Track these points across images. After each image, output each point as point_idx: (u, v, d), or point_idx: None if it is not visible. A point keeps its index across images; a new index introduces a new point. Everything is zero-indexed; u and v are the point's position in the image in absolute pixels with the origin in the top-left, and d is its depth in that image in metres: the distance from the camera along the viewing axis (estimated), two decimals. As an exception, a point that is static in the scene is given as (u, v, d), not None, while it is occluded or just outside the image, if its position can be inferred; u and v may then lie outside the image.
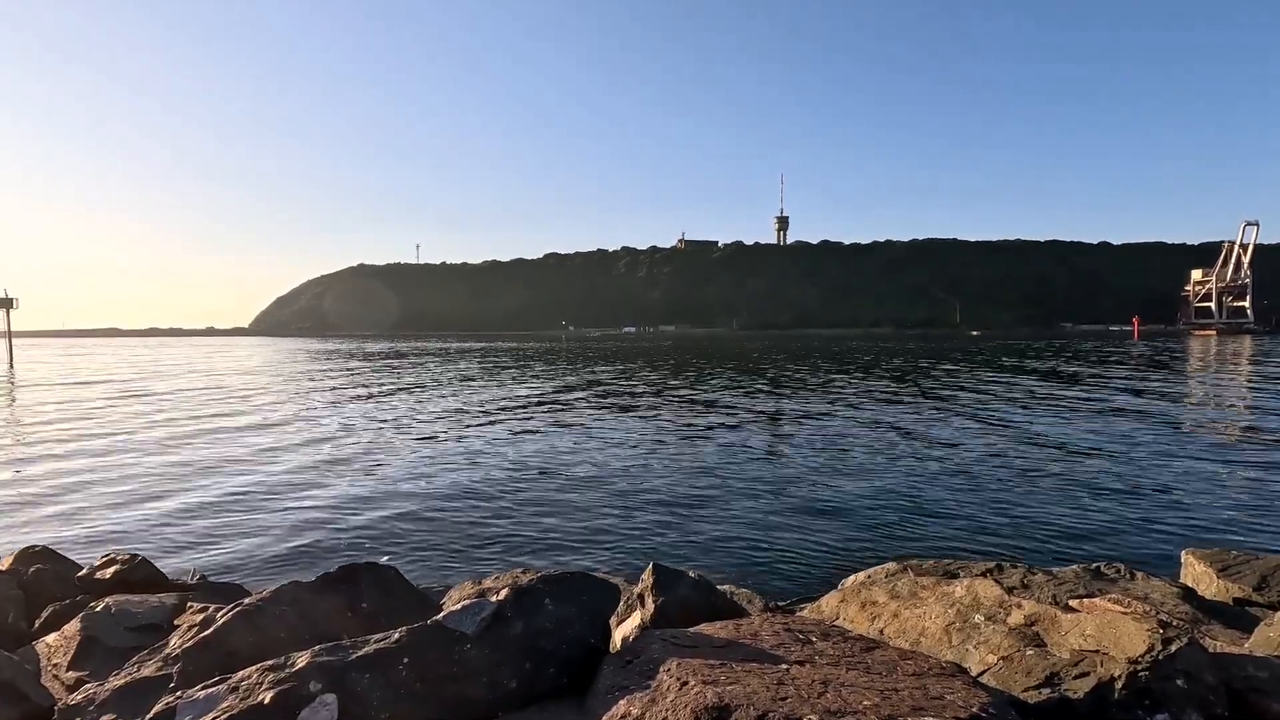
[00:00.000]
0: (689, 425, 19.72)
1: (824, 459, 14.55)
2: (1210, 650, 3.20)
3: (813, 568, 8.09)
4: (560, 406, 24.94)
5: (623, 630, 4.03)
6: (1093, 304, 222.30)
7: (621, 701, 2.80)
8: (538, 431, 18.92)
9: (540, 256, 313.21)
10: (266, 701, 2.77)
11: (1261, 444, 16.16)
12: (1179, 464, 13.72)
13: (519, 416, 22.23)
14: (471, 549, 8.94)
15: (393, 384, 36.35)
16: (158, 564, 5.75)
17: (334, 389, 33.59)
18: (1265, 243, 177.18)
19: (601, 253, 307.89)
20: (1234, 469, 13.36)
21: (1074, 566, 5.22)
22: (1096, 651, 3.01)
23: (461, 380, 38.36)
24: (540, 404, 25.87)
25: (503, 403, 26.47)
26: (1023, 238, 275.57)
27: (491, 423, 20.84)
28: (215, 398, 29.38)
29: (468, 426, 20.07)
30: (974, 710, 2.55)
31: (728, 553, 8.65)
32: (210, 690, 2.90)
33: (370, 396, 29.60)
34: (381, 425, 20.51)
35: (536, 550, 8.86)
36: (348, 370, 49.01)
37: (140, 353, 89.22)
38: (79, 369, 52.24)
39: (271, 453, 16.03)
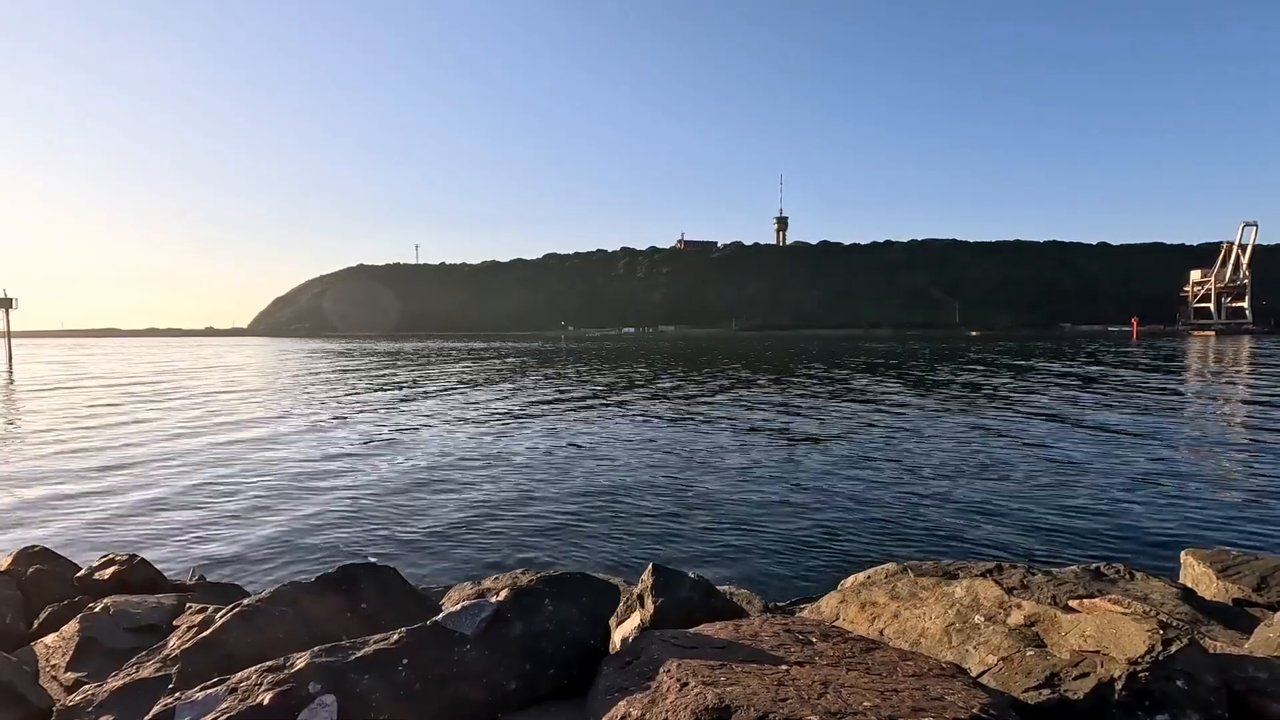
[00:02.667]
0: (688, 426, 19.72)
1: (823, 459, 14.55)
2: (1210, 651, 3.19)
3: (812, 568, 8.09)
4: (560, 408, 24.94)
5: (622, 631, 4.03)
6: (1092, 304, 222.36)
7: (621, 702, 2.79)
8: (537, 432, 18.91)
9: (539, 257, 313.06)
10: (266, 702, 2.77)
11: (1260, 444, 16.17)
12: (1178, 464, 13.73)
13: (519, 418, 22.23)
14: (471, 550, 8.94)
15: (393, 385, 36.34)
16: (157, 564, 5.74)
17: (334, 389, 33.57)
18: (1264, 243, 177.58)
19: (601, 253, 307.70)
20: (1233, 469, 13.37)
21: (1073, 567, 5.20)
22: (1096, 652, 3.00)
23: (460, 381, 38.35)
24: (540, 405, 25.88)
25: (502, 404, 26.47)
26: (1022, 238, 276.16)
27: (491, 424, 20.84)
28: (215, 398, 29.38)
29: (467, 427, 20.06)
30: (974, 711, 2.54)
31: (727, 553, 8.65)
32: (209, 691, 2.89)
33: (370, 397, 29.59)
34: (381, 426, 20.51)
35: (536, 551, 8.86)
36: (350, 371, 48.98)
37: (140, 353, 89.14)
38: (78, 369, 52.20)
39: (271, 453, 16.02)
